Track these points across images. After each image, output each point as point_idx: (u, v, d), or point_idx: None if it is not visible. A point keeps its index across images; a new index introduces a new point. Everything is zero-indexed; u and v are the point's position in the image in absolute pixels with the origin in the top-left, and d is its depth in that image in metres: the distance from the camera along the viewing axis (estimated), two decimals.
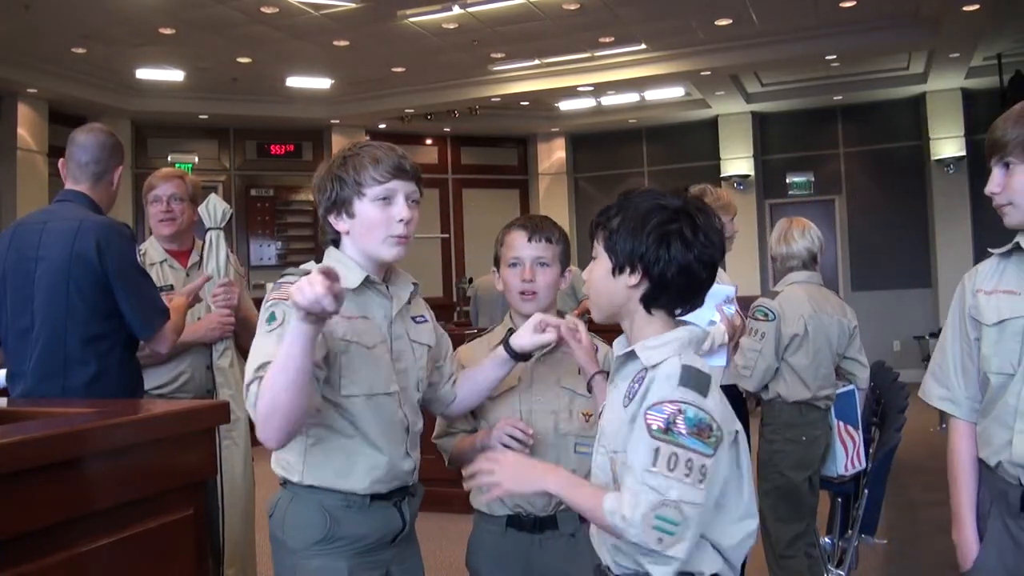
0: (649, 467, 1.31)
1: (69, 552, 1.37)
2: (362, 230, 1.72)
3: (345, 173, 1.71)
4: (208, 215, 2.82)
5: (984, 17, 7.40)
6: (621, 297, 1.47)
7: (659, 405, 1.34)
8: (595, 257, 1.52)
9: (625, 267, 1.45)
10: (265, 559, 4.05)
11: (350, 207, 1.72)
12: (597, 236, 1.52)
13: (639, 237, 1.43)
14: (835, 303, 3.26)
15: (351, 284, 1.69)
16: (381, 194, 1.71)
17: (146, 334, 2.41)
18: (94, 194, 2.50)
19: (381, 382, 1.72)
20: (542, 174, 12.13)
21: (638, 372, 1.43)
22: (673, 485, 1.30)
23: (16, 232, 2.43)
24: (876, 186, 10.83)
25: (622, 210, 1.50)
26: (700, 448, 1.32)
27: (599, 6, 7.39)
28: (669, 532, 1.31)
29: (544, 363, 2.02)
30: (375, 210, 1.71)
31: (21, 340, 2.36)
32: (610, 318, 1.52)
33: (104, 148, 2.51)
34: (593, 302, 1.54)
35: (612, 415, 1.46)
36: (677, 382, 1.36)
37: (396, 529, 1.78)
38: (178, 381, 2.82)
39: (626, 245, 1.45)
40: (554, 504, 1.96)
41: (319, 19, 7.42)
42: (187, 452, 1.64)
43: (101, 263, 2.31)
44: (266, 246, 10.94)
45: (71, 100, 8.84)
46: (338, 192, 1.72)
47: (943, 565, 4.00)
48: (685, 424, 1.32)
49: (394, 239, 1.72)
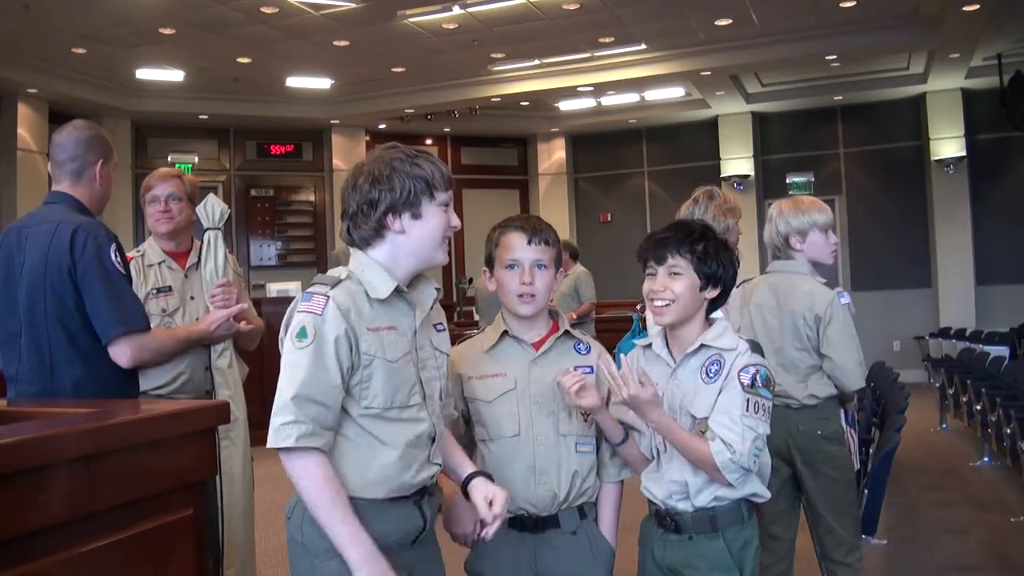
0: (744, 413, 1.86)
1: (69, 552, 1.37)
2: (423, 233, 1.72)
3: (421, 171, 1.71)
4: (206, 215, 2.81)
5: (984, 17, 7.40)
6: (697, 306, 1.96)
7: (746, 367, 1.89)
8: (679, 274, 1.93)
9: (710, 284, 1.94)
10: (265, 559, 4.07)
11: (419, 208, 1.71)
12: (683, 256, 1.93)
13: (723, 261, 1.95)
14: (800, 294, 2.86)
15: (381, 295, 1.68)
16: (446, 200, 1.74)
17: (105, 338, 2.31)
18: (77, 192, 2.45)
19: (404, 394, 1.70)
20: (542, 174, 12.14)
21: (710, 356, 1.93)
22: (759, 424, 1.87)
23: (7, 236, 2.42)
24: (876, 186, 10.84)
25: (703, 238, 1.94)
26: (767, 396, 1.90)
27: (599, 6, 7.39)
28: (758, 455, 1.88)
29: (541, 364, 2.01)
30: (440, 214, 1.73)
31: (11, 344, 2.36)
32: (678, 322, 1.96)
33: (80, 144, 2.44)
34: (676, 309, 1.93)
35: (695, 394, 1.93)
36: (749, 351, 1.92)
37: (417, 528, 1.74)
38: (177, 382, 2.81)
39: (716, 267, 1.94)
40: (556, 504, 1.96)
41: (319, 19, 7.43)
42: (187, 452, 1.64)
43: (72, 264, 2.29)
44: (266, 246, 10.94)
45: (71, 100, 8.85)
46: (413, 191, 1.70)
47: (943, 565, 4.01)
48: (760, 380, 1.89)
49: (446, 245, 1.77)
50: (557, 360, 2.02)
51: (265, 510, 3.74)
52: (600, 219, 12.04)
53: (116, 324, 2.31)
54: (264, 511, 3.77)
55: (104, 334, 2.31)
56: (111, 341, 2.32)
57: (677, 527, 1.95)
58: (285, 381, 1.61)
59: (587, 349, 2.07)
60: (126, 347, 2.33)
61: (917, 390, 6.33)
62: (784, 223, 2.90)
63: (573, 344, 2.07)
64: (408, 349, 1.72)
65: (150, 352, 2.42)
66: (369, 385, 1.66)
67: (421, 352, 1.76)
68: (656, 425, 1.91)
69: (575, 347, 2.07)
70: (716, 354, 1.93)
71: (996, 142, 10.07)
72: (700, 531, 1.93)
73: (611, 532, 2.02)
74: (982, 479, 5.67)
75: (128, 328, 2.33)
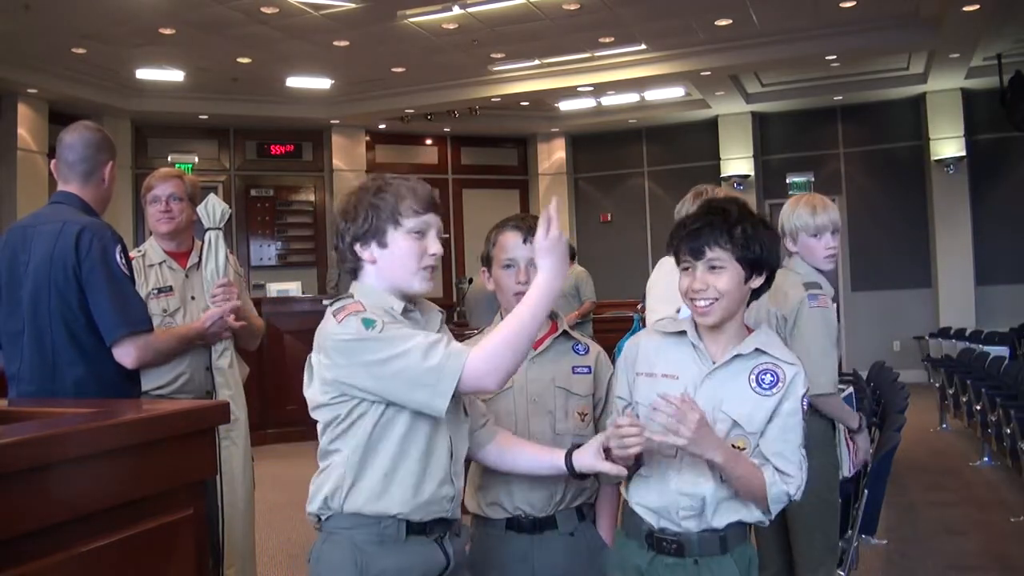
0: (801, 443, 1.70)
1: (69, 552, 1.37)
2: (393, 261, 1.71)
3: (383, 202, 1.70)
4: (207, 215, 2.82)
5: (984, 17, 7.40)
6: (743, 298, 1.74)
7: (806, 395, 1.72)
8: (721, 267, 1.69)
9: (754, 272, 1.71)
10: (265, 559, 4.06)
11: (383, 237, 1.71)
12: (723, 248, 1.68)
13: (764, 242, 1.70)
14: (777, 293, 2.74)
15: (396, 309, 1.70)
16: (417, 227, 1.71)
17: (110, 338, 2.33)
18: (85, 193, 2.47)
19: None
20: (542, 174, 12.13)
21: (762, 363, 1.72)
22: (806, 453, 1.71)
23: (10, 235, 2.43)
24: (876, 186, 10.83)
25: (740, 220, 1.69)
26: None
27: (599, 6, 7.39)
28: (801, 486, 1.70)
29: (539, 364, 2.02)
30: (409, 242, 1.70)
31: (13, 343, 2.36)
32: (726, 320, 1.73)
33: (91, 145, 2.47)
34: (722, 306, 1.70)
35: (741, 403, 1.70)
36: (804, 377, 1.73)
37: (439, 566, 1.71)
38: (178, 381, 2.82)
39: (759, 251, 1.69)
40: (553, 504, 1.96)
41: (319, 19, 7.43)
42: (187, 452, 1.64)
43: (77, 264, 2.30)
44: (266, 246, 10.94)
45: (71, 100, 8.85)
46: (374, 221, 1.70)
47: (943, 565, 4.01)
48: (807, 404, 1.73)
49: (427, 272, 1.72)
50: (555, 360, 2.03)
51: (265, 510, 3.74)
52: (600, 219, 12.03)
53: (121, 325, 2.32)
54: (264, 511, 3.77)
55: (109, 335, 2.32)
56: (116, 342, 2.33)
57: (679, 549, 1.72)
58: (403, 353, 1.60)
59: (585, 349, 2.08)
60: (131, 348, 2.34)
61: (917, 390, 6.33)
62: (780, 222, 2.81)
63: (572, 344, 2.07)
64: None
65: (154, 352, 2.43)
66: None
67: None
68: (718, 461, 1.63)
69: (573, 347, 2.07)
70: (772, 363, 1.72)
71: (996, 142, 10.07)
72: (708, 553, 1.71)
73: (609, 534, 2.02)
74: (982, 479, 5.66)
75: (133, 329, 2.34)
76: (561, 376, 2.02)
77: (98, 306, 2.31)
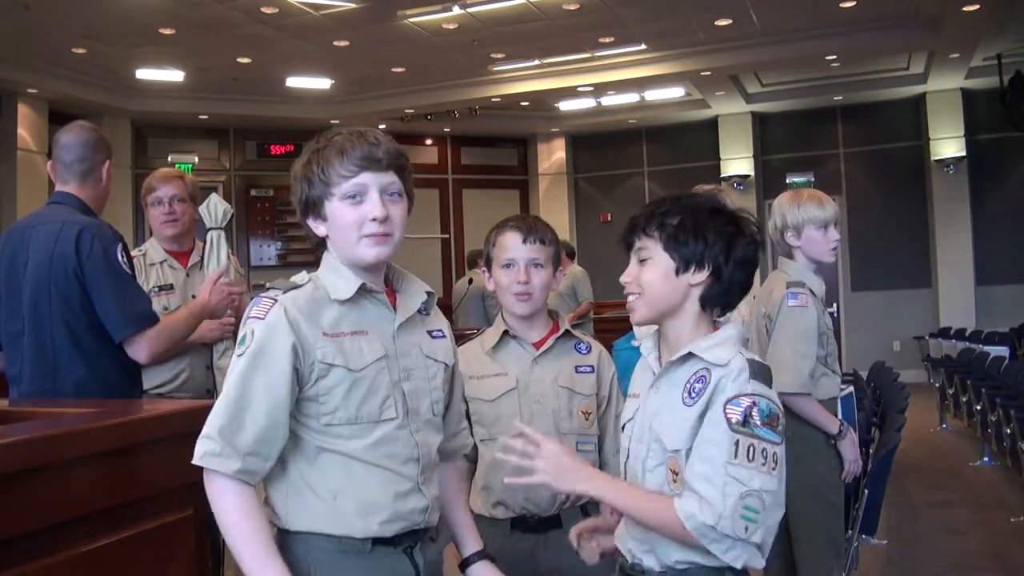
0: (731, 459, 1.36)
1: (69, 552, 1.37)
2: (335, 232, 1.51)
3: (311, 171, 1.50)
4: (209, 215, 2.82)
5: (984, 17, 7.40)
6: (679, 297, 1.50)
7: (736, 399, 1.39)
8: (647, 259, 1.51)
9: (691, 266, 1.48)
10: None
11: (321, 209, 1.51)
12: (649, 236, 1.51)
13: (708, 235, 1.47)
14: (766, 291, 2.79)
15: (342, 295, 1.49)
16: (350, 191, 1.48)
17: (118, 337, 2.33)
18: (83, 193, 2.47)
19: (374, 407, 1.47)
20: (542, 174, 12.14)
21: (697, 371, 1.46)
22: (755, 475, 1.36)
23: (10, 236, 2.43)
24: (876, 186, 10.84)
25: (683, 211, 1.50)
26: (772, 438, 1.38)
27: (599, 6, 7.39)
28: (753, 520, 1.36)
29: (543, 364, 2.02)
30: (346, 209, 1.48)
31: (14, 344, 2.36)
32: (657, 318, 1.53)
33: (88, 145, 2.46)
34: (645, 302, 1.52)
35: (671, 416, 1.46)
36: (748, 376, 1.41)
37: None
38: (178, 380, 2.82)
39: (694, 244, 1.47)
40: (558, 504, 1.96)
41: (319, 19, 7.43)
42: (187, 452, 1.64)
43: (79, 264, 2.30)
44: (266, 246, 10.94)
45: (71, 100, 8.84)
46: (307, 193, 1.51)
47: (943, 565, 4.01)
48: (759, 416, 1.38)
49: (371, 239, 1.48)
50: (558, 359, 2.03)
51: None
52: (600, 219, 12.03)
53: (128, 323, 2.33)
54: None
55: (117, 333, 2.33)
56: (126, 340, 2.33)
57: None
58: (225, 391, 1.44)
59: (587, 349, 2.09)
60: (143, 343, 2.34)
61: (917, 390, 6.33)
62: (780, 217, 2.75)
63: (574, 344, 2.08)
64: (381, 355, 1.50)
65: (165, 341, 2.42)
66: (328, 398, 1.45)
67: (404, 360, 1.53)
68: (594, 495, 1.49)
69: (576, 347, 2.08)
70: (704, 369, 1.45)
71: (996, 142, 10.07)
72: None
73: None
74: (982, 479, 5.67)
75: (141, 326, 2.35)
76: (564, 376, 2.02)
77: (103, 306, 2.31)
